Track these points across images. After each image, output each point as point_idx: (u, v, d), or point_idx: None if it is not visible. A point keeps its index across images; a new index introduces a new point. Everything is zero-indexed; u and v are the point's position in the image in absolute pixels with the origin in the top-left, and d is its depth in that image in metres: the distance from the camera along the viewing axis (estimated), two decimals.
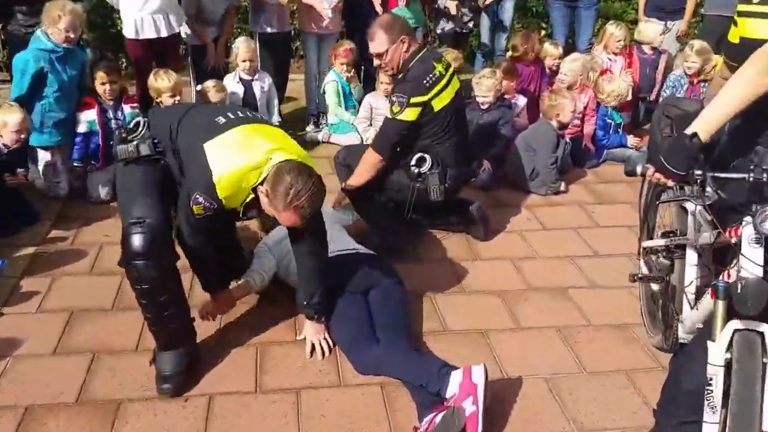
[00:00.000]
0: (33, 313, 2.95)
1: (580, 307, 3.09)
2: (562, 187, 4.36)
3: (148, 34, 4.39)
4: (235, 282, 2.95)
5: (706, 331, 1.87)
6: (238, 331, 2.84)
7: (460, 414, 2.14)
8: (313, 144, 5.13)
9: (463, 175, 3.50)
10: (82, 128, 4.01)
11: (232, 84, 4.69)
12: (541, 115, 4.50)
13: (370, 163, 3.28)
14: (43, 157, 3.95)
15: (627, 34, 5.38)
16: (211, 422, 2.34)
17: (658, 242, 2.62)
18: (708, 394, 1.75)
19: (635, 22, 6.98)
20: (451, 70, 3.38)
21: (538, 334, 2.89)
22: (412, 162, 3.27)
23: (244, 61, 4.65)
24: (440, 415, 2.18)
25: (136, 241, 2.29)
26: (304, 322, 2.77)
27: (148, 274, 2.31)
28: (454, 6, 5.50)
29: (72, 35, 3.84)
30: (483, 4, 5.62)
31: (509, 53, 5.36)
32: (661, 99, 5.18)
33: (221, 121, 2.44)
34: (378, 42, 3.26)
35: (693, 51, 5.00)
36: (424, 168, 3.26)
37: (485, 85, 4.39)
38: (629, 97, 4.98)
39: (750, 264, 1.73)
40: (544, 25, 7.50)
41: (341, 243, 3.01)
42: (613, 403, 2.48)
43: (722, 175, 1.84)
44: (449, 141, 3.32)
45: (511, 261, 3.51)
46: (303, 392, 2.49)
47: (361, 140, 4.86)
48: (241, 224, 3.30)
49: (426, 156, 3.26)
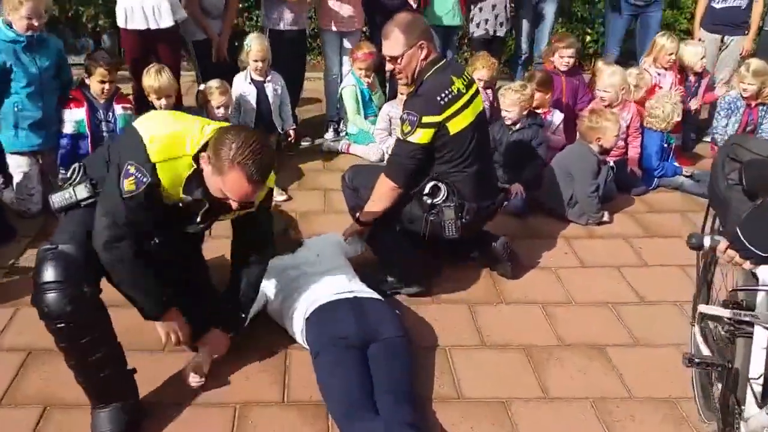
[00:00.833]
0: None
1: (621, 373, 2.63)
2: (605, 217, 3.89)
3: (138, 24, 4.07)
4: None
5: None
6: (210, 385, 2.43)
7: None
8: (330, 154, 4.76)
9: (484, 210, 3.04)
10: (68, 128, 3.66)
11: (243, 85, 4.34)
12: (578, 136, 4.04)
13: (384, 191, 2.87)
14: (18, 165, 3.59)
15: (679, 47, 4.86)
16: None
17: (719, 311, 2.14)
18: None
19: (688, 33, 6.48)
20: (475, 88, 2.94)
21: (569, 407, 2.43)
22: (425, 191, 2.84)
23: (256, 61, 4.29)
24: None
25: (46, 268, 1.99)
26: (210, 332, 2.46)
27: (61, 308, 1.97)
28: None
29: (35, 22, 3.46)
30: None
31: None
32: (714, 124, 4.76)
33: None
34: (393, 43, 2.83)
35: (749, 71, 4.48)
36: (438, 199, 2.83)
37: (509, 99, 3.97)
38: (679, 118, 4.46)
39: None
40: (589, 32, 7.01)
41: (339, 284, 2.62)
42: None
43: None
44: (468, 170, 2.88)
45: (542, 307, 3.05)
46: None
47: (382, 155, 4.48)
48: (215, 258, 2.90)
49: (440, 185, 2.83)
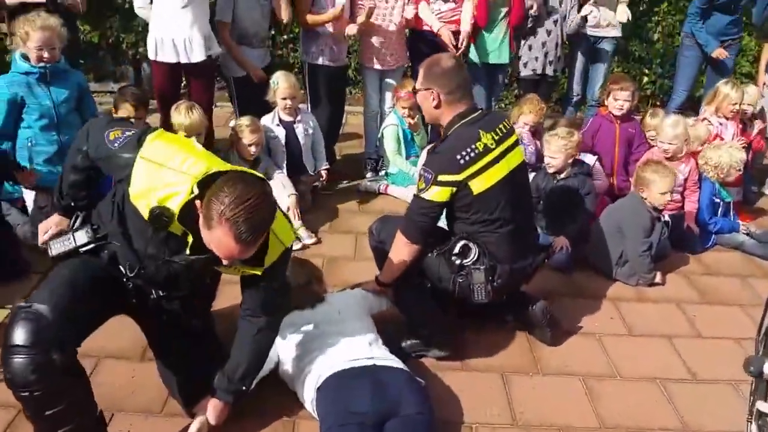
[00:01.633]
0: None
1: None
2: (658, 279, 3.63)
3: (167, 57, 4.03)
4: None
5: None
6: None
7: None
8: (368, 195, 4.63)
9: (519, 272, 2.83)
10: None
11: (272, 126, 4.23)
12: (632, 187, 3.81)
13: (400, 249, 2.71)
14: (34, 199, 3.54)
15: (742, 96, 4.58)
16: None
17: None
18: None
19: (749, 76, 6.20)
20: (510, 141, 2.75)
21: None
22: (455, 250, 2.67)
23: (284, 99, 4.15)
24: None
25: (16, 330, 1.85)
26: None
27: (25, 376, 1.83)
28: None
29: (46, 54, 3.41)
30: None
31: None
32: None
33: None
34: (418, 76, 2.82)
35: None
36: (468, 260, 2.65)
37: (555, 146, 3.78)
38: (739, 172, 4.19)
39: None
40: (647, 72, 6.76)
41: (358, 348, 2.45)
42: None
43: None
44: (501, 230, 2.69)
45: (582, 380, 2.82)
46: None
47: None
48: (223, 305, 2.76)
49: (471, 245, 2.65)
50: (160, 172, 1.95)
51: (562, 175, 3.83)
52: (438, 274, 2.72)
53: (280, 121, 4.24)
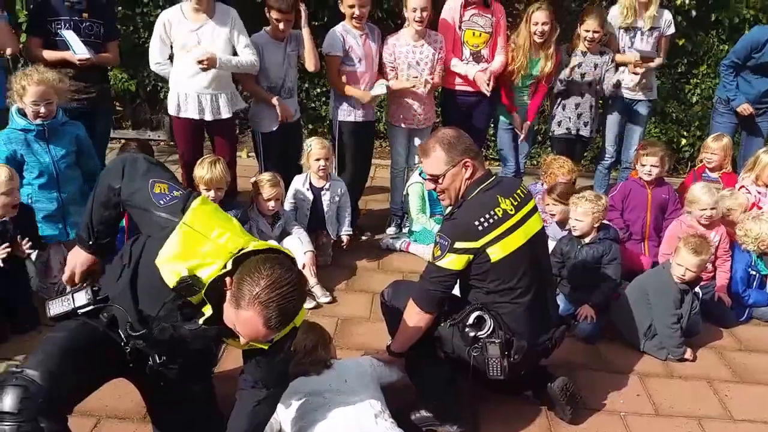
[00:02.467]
0: None
1: None
2: (688, 354, 3.49)
3: (191, 113, 4.11)
4: None
5: None
6: None
7: None
8: (388, 252, 4.61)
9: (538, 348, 2.74)
10: None
11: (302, 188, 4.29)
12: (660, 256, 3.71)
13: (413, 318, 2.65)
14: (39, 255, 3.54)
15: None
16: None
17: None
18: None
19: None
20: (530, 206, 2.70)
21: None
22: (469, 321, 2.59)
23: (317, 160, 4.20)
24: None
25: (4, 397, 1.84)
26: None
27: None
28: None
29: (43, 109, 3.41)
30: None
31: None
32: None
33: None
34: (434, 161, 2.67)
35: None
36: (483, 333, 2.58)
37: (581, 209, 3.70)
38: None
39: None
40: (685, 134, 6.67)
41: (363, 421, 2.39)
42: None
43: None
44: (520, 300, 2.62)
45: None
46: None
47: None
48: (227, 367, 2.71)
49: (486, 317, 2.58)
50: (198, 242, 1.95)
51: (587, 240, 3.75)
52: (452, 346, 2.65)
53: (311, 185, 4.29)
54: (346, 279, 4.17)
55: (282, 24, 4.17)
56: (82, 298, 2.12)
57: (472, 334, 2.58)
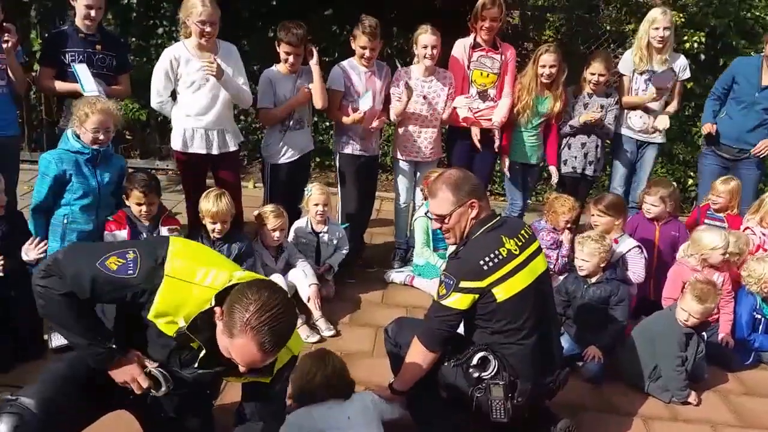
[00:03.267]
0: None
1: None
2: (692, 398, 3.48)
3: (197, 148, 4.20)
4: None
5: None
6: None
7: None
8: (393, 285, 4.65)
9: (542, 389, 2.76)
10: None
11: (304, 230, 4.41)
12: (663, 296, 3.74)
13: (417, 356, 2.68)
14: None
15: None
16: None
17: None
18: None
19: None
20: (534, 247, 2.75)
21: None
22: (473, 362, 2.62)
23: (316, 205, 4.32)
24: None
25: (0, 423, 1.87)
26: None
27: None
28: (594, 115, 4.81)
29: (101, 136, 3.56)
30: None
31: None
32: None
33: None
34: (440, 201, 2.73)
35: None
36: (487, 374, 2.60)
37: (587, 248, 3.73)
38: None
39: None
40: (692, 175, 6.74)
41: None
42: None
43: None
44: (525, 341, 2.64)
45: None
46: None
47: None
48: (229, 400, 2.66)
49: (490, 358, 2.60)
50: (185, 290, 1.98)
51: (594, 280, 3.78)
52: (455, 386, 2.67)
53: (312, 229, 4.40)
54: (350, 312, 4.20)
55: (291, 57, 4.29)
56: None
57: (476, 375, 2.60)
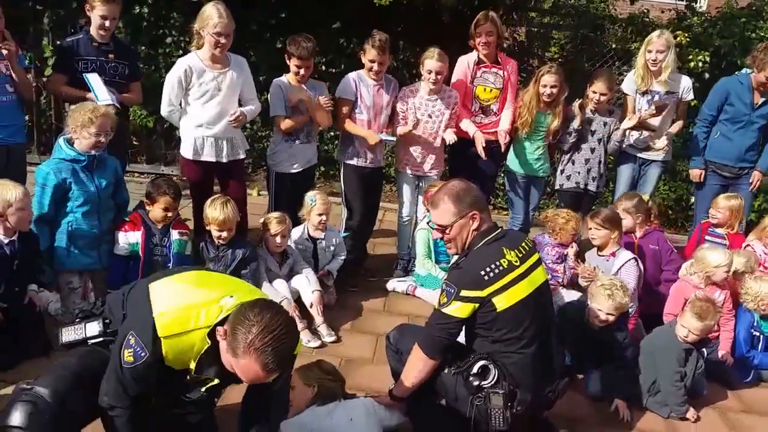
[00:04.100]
0: None
1: None
2: (690, 414, 3.52)
3: (208, 157, 4.29)
4: None
5: None
6: None
7: None
8: (394, 295, 4.73)
9: (541, 399, 2.82)
10: (122, 251, 3.82)
11: (301, 239, 4.48)
12: (664, 312, 3.79)
13: (417, 363, 2.75)
14: (68, 282, 3.74)
15: None
16: None
17: None
18: None
19: None
20: (534, 259, 2.82)
21: None
22: (473, 370, 2.68)
23: (320, 215, 4.41)
24: None
25: (15, 412, 1.98)
26: None
27: None
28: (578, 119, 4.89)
29: (103, 139, 3.66)
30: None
31: None
32: None
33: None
34: (442, 213, 2.81)
35: None
36: (487, 382, 2.66)
37: (616, 303, 3.54)
38: None
39: None
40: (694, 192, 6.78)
41: None
42: None
43: None
44: (525, 351, 2.70)
45: None
46: None
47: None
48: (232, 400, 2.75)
49: (491, 367, 2.66)
50: (185, 339, 2.11)
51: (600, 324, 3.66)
52: (454, 394, 2.73)
53: (309, 236, 4.48)
54: (352, 320, 4.27)
55: (302, 70, 4.40)
56: (94, 329, 2.25)
57: (476, 383, 2.66)
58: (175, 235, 3.88)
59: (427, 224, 4.63)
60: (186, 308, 2.11)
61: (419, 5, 6.38)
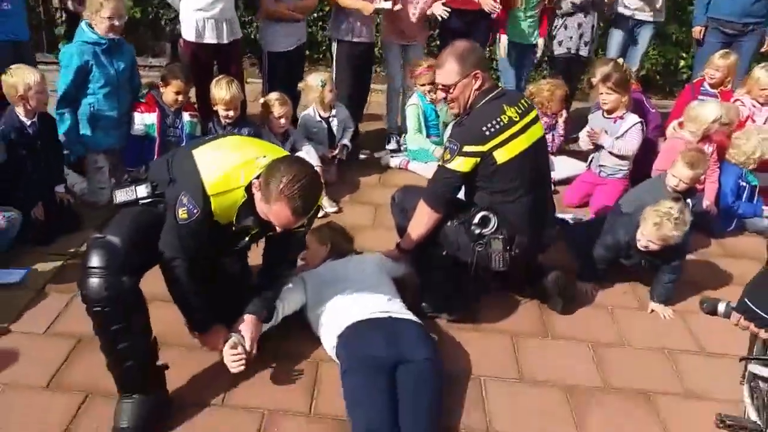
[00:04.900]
0: (40, 334, 2.87)
1: (665, 423, 2.61)
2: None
3: (209, 38, 4.36)
4: None
5: None
6: (241, 389, 2.61)
7: None
8: (388, 169, 4.94)
9: (536, 243, 3.08)
10: (138, 131, 4.01)
11: (314, 120, 4.61)
12: (654, 168, 3.99)
13: (423, 216, 2.97)
14: (95, 161, 3.99)
15: None
16: None
17: (765, 371, 2.09)
18: None
19: None
20: (532, 115, 2.98)
21: None
22: (475, 220, 2.90)
23: (331, 91, 4.54)
24: None
25: (93, 255, 2.24)
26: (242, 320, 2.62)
27: (99, 292, 2.20)
28: None
29: (117, 23, 3.82)
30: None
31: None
32: None
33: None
34: (447, 72, 2.94)
35: None
36: (487, 230, 2.90)
37: (663, 233, 3.17)
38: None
39: None
40: (684, 56, 6.86)
41: (376, 303, 2.74)
42: None
43: None
44: (522, 199, 2.93)
45: (591, 346, 3.05)
46: None
47: None
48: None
49: (491, 216, 2.89)
50: (229, 196, 2.38)
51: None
52: (457, 244, 2.97)
53: (321, 117, 4.59)
54: (350, 193, 4.50)
55: None
56: (143, 191, 2.49)
57: (477, 232, 2.90)
58: (186, 116, 4.08)
59: (417, 97, 4.77)
60: (229, 169, 2.37)
61: None
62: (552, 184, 3.51)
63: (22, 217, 3.40)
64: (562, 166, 4.78)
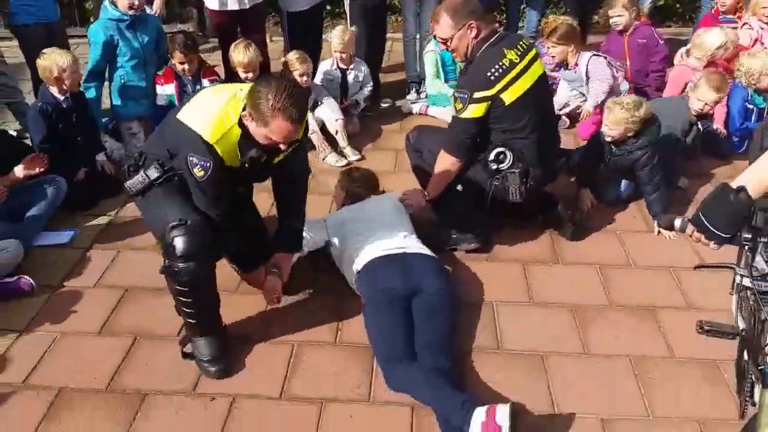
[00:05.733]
0: (90, 288, 3.14)
1: (666, 334, 2.77)
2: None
3: (232, 5, 4.51)
4: None
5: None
6: (276, 323, 2.85)
7: None
8: (409, 115, 5.05)
9: (547, 175, 3.25)
10: (161, 101, 4.22)
11: (330, 69, 4.71)
12: (665, 94, 4.03)
13: (445, 166, 3.12)
14: (129, 128, 4.27)
15: None
16: (228, 426, 2.36)
17: (747, 281, 2.19)
18: None
19: None
20: (532, 54, 3.07)
21: (607, 364, 2.62)
22: (491, 157, 3.06)
23: (336, 52, 4.63)
24: None
25: (180, 243, 2.40)
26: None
27: (192, 276, 2.43)
28: None
29: (136, 2, 4.02)
30: None
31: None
32: None
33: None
34: (442, 27, 3.04)
35: None
36: (504, 165, 3.06)
37: (614, 116, 3.48)
38: None
39: None
40: None
41: (393, 240, 2.90)
42: None
43: None
44: (530, 137, 3.06)
45: (598, 268, 3.20)
46: (328, 405, 2.44)
47: None
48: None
49: (507, 152, 3.04)
50: (228, 136, 2.42)
51: (609, 139, 3.59)
52: (474, 179, 3.13)
53: (338, 66, 4.70)
54: (372, 141, 4.65)
55: None
56: (154, 173, 2.55)
57: (494, 167, 3.06)
58: (206, 82, 4.24)
59: (434, 43, 4.82)
60: (217, 112, 2.43)
61: None
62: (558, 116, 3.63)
63: (66, 185, 3.63)
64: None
